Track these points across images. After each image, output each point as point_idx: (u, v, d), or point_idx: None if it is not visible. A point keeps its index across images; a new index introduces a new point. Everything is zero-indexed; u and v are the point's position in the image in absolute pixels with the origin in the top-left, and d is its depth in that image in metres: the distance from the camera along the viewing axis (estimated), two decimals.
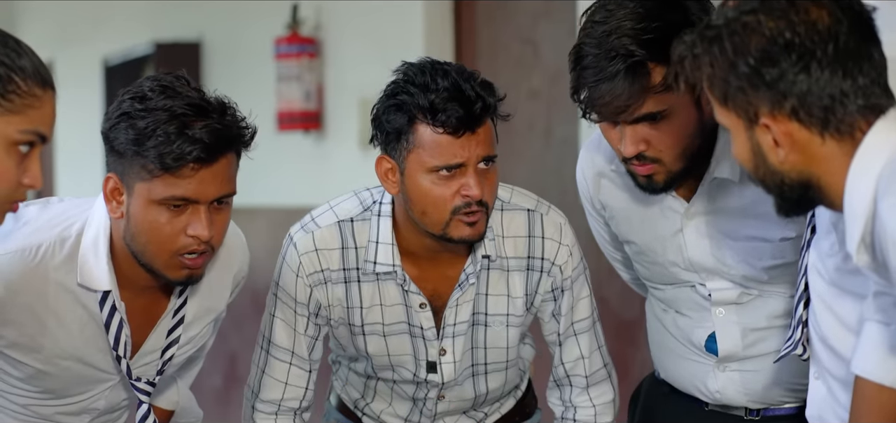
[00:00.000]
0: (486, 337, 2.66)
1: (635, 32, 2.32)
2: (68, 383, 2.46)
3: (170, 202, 2.29)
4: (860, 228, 1.87)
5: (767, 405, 2.62)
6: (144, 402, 2.51)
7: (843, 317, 2.12)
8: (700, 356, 2.64)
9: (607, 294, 4.22)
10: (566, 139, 4.75)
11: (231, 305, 2.70)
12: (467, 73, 2.47)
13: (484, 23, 5.22)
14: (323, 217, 2.63)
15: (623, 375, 2.87)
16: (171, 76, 2.33)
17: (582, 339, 2.71)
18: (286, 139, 6.00)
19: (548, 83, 4.86)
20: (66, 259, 2.36)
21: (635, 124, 2.38)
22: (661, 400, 2.76)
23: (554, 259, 2.65)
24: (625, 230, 2.67)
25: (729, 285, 2.57)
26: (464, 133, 2.42)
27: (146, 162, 2.26)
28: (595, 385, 2.75)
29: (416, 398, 2.72)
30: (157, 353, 2.50)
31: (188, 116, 2.27)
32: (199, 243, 2.32)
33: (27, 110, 1.94)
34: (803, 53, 1.86)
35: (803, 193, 1.94)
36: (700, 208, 2.54)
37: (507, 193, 2.66)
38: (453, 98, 2.41)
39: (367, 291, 2.61)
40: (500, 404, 2.82)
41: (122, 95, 2.32)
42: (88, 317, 2.40)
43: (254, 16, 6.32)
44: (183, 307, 2.49)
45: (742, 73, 1.89)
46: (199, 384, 2.88)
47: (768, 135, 1.90)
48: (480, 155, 2.44)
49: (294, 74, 5.82)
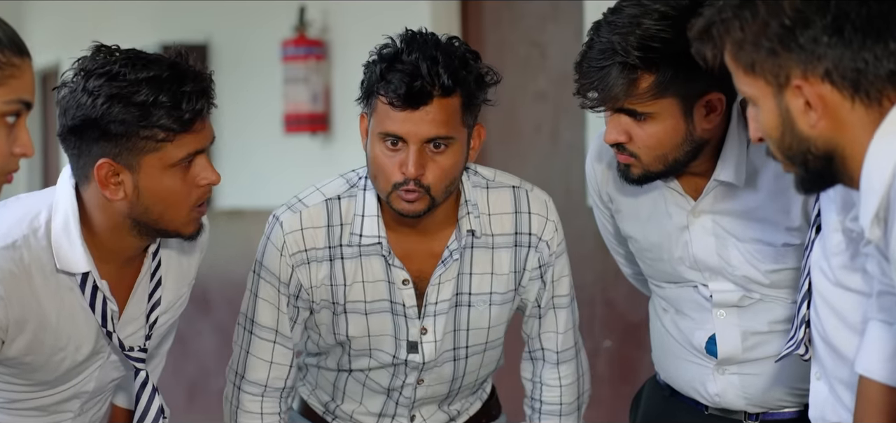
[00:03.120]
0: (468, 318, 2.68)
1: (638, 38, 2.37)
2: (64, 371, 2.47)
3: (186, 160, 2.34)
4: (876, 202, 1.86)
5: (766, 408, 2.63)
6: (141, 369, 2.53)
7: (846, 317, 2.12)
8: (700, 358, 2.64)
9: (614, 296, 4.22)
10: (573, 143, 4.75)
11: (236, 306, 2.71)
12: (448, 50, 2.49)
13: (491, 25, 5.22)
14: (310, 197, 2.66)
15: (628, 377, 2.88)
16: (115, 51, 2.34)
17: (560, 314, 2.75)
18: (293, 141, 6.01)
19: (554, 86, 4.86)
20: (43, 249, 2.37)
21: (618, 114, 2.44)
22: (661, 403, 2.77)
23: (541, 234, 2.67)
24: (630, 225, 2.69)
25: (731, 286, 2.57)
26: (404, 108, 2.45)
27: (155, 132, 2.29)
28: (564, 363, 2.78)
29: (392, 387, 2.72)
30: (141, 319, 2.51)
31: (175, 76, 2.31)
32: (208, 190, 2.40)
33: (9, 81, 1.99)
34: (838, 15, 1.85)
35: (826, 165, 1.92)
36: (706, 207, 2.55)
37: (491, 173, 2.70)
38: (404, 73, 2.45)
39: (350, 267, 2.62)
40: (469, 403, 2.85)
41: (85, 83, 2.30)
42: (73, 301, 2.42)
43: (261, 18, 6.33)
44: (158, 269, 2.52)
45: (774, 34, 1.88)
46: (204, 386, 2.88)
47: (799, 98, 1.89)
48: (425, 134, 2.46)
49: (301, 76, 5.83)
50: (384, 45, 2.53)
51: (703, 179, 2.54)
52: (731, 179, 2.50)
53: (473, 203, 2.61)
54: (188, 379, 6.49)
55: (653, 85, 2.39)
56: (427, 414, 2.79)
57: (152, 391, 2.56)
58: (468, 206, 2.61)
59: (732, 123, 2.50)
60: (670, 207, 2.59)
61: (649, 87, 2.40)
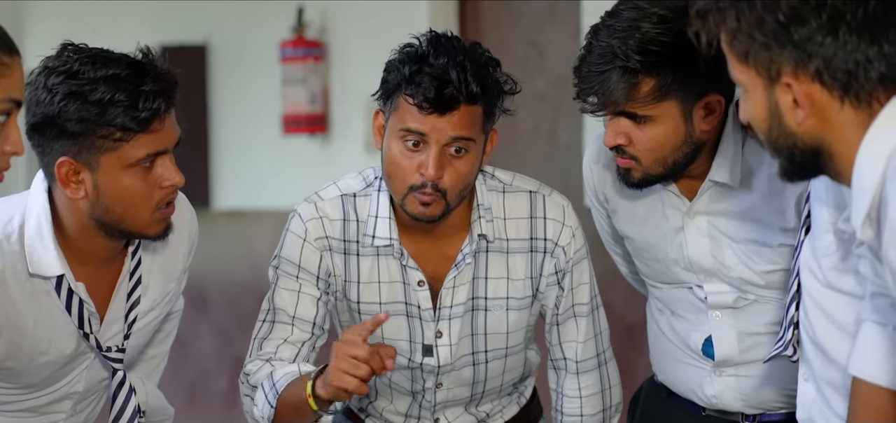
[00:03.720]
0: (486, 323, 2.66)
1: (638, 42, 2.37)
2: (48, 374, 2.46)
3: (144, 160, 2.31)
4: (867, 202, 1.86)
5: (763, 409, 2.63)
6: (119, 369, 2.51)
7: (836, 319, 2.12)
8: (697, 359, 2.65)
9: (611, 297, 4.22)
10: (570, 144, 4.75)
11: (237, 308, 2.70)
12: (474, 56, 2.49)
13: (489, 26, 5.23)
14: (326, 191, 2.68)
15: (625, 378, 2.87)
16: (77, 48, 2.33)
17: (580, 322, 2.71)
18: (291, 142, 6.01)
19: (552, 87, 4.86)
20: (16, 254, 2.36)
21: (618, 117, 2.44)
22: (659, 404, 2.77)
23: (557, 240, 2.65)
24: (626, 225, 2.69)
25: (726, 288, 2.58)
26: (432, 112, 2.45)
27: (112, 131, 2.28)
28: (585, 373, 2.73)
29: (415, 390, 2.72)
30: (121, 319, 2.50)
31: (134, 75, 2.29)
32: (172, 191, 2.37)
33: (0, 80, 1.99)
34: (834, 15, 1.85)
35: (813, 159, 1.93)
36: (702, 208, 2.56)
37: (509, 177, 2.68)
38: (433, 76, 2.44)
39: (366, 265, 2.62)
40: (502, 406, 2.82)
41: (45, 81, 2.30)
42: (50, 305, 2.41)
43: (259, 19, 6.33)
44: (138, 268, 2.50)
45: (769, 29, 1.88)
46: (206, 387, 2.89)
47: (788, 95, 1.89)
48: (449, 136, 2.46)
49: (299, 77, 5.82)
50: (407, 44, 2.51)
51: (698, 181, 2.55)
52: (725, 179, 2.50)
53: (487, 207, 2.61)
54: (188, 380, 6.49)
55: (653, 88, 2.40)
56: (452, 417, 2.77)
57: (129, 391, 2.53)
58: (480, 210, 2.61)
59: (728, 124, 2.50)
60: (666, 208, 2.59)
61: (650, 90, 2.40)
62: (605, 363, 2.77)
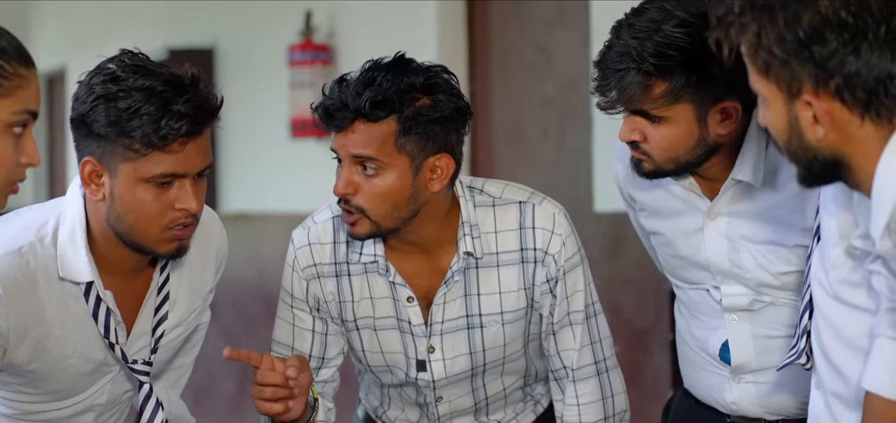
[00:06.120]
0: (483, 339, 2.65)
1: (655, 44, 2.39)
2: (73, 382, 2.47)
3: (158, 179, 2.30)
4: (887, 214, 1.85)
5: (784, 415, 2.63)
6: (145, 382, 2.51)
7: (843, 332, 2.11)
8: (716, 366, 2.65)
9: (621, 303, 4.22)
10: (578, 149, 4.75)
11: (244, 310, 2.70)
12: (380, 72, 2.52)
13: (498, 30, 5.23)
14: (320, 214, 2.68)
15: (635, 382, 2.87)
16: (134, 55, 2.34)
17: (576, 330, 2.68)
18: (300, 146, 6.02)
19: (561, 91, 4.86)
20: (49, 257, 2.37)
21: (632, 115, 2.47)
22: (687, 412, 2.78)
23: (547, 248, 2.62)
24: (652, 222, 2.70)
25: (742, 290, 2.58)
26: (336, 130, 2.54)
27: (132, 142, 2.27)
28: (582, 381, 2.70)
29: (420, 402, 2.73)
30: (148, 333, 2.50)
31: (168, 93, 2.28)
32: (187, 216, 2.34)
33: (16, 92, 2.00)
34: (856, 34, 1.84)
35: (832, 170, 1.92)
36: (722, 208, 2.56)
37: (499, 189, 2.65)
38: (330, 94, 2.58)
39: (357, 284, 2.63)
40: (515, 413, 2.82)
41: (90, 79, 2.31)
42: (79, 310, 2.41)
43: (267, 22, 6.34)
44: (166, 284, 2.50)
45: (790, 47, 1.87)
46: (213, 390, 2.88)
47: (808, 111, 1.88)
48: (350, 152, 2.50)
49: (307, 80, 5.83)
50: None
51: (719, 182, 2.55)
52: (748, 178, 2.51)
53: (473, 224, 2.59)
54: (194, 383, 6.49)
55: (665, 91, 2.42)
56: None
57: (156, 405, 2.53)
58: (465, 227, 2.59)
59: (752, 124, 2.50)
60: (688, 207, 2.61)
61: (662, 93, 2.42)
62: (606, 370, 2.73)
